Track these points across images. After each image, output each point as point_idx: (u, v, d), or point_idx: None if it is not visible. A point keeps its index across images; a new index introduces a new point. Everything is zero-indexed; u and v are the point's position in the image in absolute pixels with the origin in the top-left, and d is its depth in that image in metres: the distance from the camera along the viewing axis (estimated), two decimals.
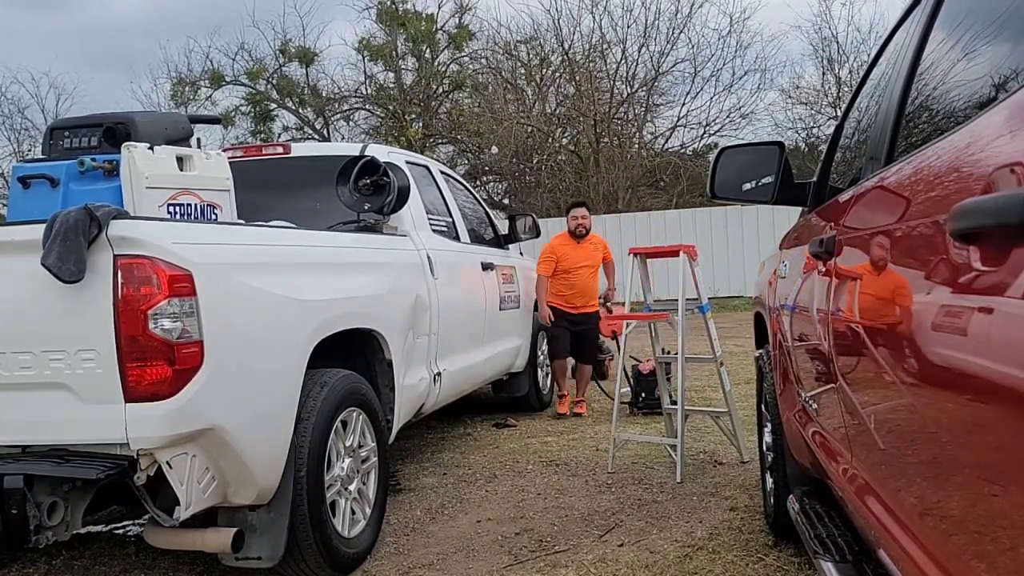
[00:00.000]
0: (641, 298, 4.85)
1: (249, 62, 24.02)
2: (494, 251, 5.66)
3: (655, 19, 22.20)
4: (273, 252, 3.00)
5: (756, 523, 3.45)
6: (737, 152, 2.87)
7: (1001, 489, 0.96)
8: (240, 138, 23.66)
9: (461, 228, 5.09)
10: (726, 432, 4.62)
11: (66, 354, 2.36)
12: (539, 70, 23.33)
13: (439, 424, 5.78)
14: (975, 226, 0.96)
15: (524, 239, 6.13)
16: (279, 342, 2.83)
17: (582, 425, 5.68)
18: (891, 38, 2.07)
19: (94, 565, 3.35)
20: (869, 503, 1.59)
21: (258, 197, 3.93)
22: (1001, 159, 0.97)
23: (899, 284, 1.34)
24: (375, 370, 3.62)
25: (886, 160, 1.69)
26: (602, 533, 3.45)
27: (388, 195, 3.89)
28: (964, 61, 1.39)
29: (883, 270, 1.43)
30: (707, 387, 6.60)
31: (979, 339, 0.99)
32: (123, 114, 3.19)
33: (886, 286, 1.40)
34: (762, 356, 3.33)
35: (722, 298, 14.68)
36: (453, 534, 3.53)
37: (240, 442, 2.55)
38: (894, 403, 1.40)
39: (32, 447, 2.44)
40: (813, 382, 2.20)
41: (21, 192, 3.05)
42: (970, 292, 1.02)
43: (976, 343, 1.00)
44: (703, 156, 22.04)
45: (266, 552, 2.77)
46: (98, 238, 2.32)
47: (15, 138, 23.73)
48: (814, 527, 2.24)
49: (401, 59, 24.04)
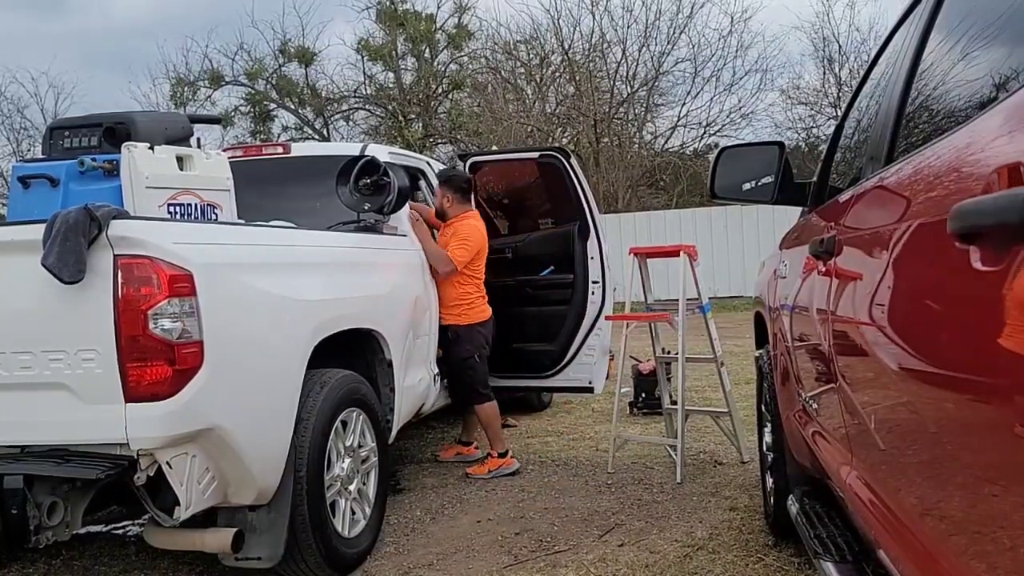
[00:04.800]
0: (641, 298, 4.85)
1: (248, 62, 24.01)
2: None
3: (656, 19, 22.14)
4: (273, 252, 3.00)
5: (756, 523, 3.45)
6: (737, 152, 2.87)
7: (1001, 489, 0.96)
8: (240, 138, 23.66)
9: None
10: (726, 432, 4.62)
11: (66, 354, 2.36)
12: (539, 70, 23.32)
13: (439, 424, 5.78)
14: (975, 226, 0.96)
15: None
16: (279, 342, 2.83)
17: (582, 425, 5.68)
18: (891, 38, 2.07)
19: (94, 565, 3.35)
20: (869, 503, 1.59)
21: (258, 197, 3.93)
22: (1001, 159, 0.97)
23: (899, 284, 1.34)
24: (375, 370, 3.62)
25: (886, 160, 1.69)
26: (602, 533, 3.45)
27: (388, 195, 3.89)
28: (964, 61, 1.39)
29: (883, 270, 1.43)
30: (707, 387, 6.60)
31: (979, 339, 0.99)
32: (123, 114, 3.19)
33: (886, 286, 1.40)
34: (762, 356, 3.33)
35: (722, 298, 14.67)
36: (453, 534, 3.53)
37: (240, 442, 2.55)
38: (894, 403, 1.40)
39: (32, 447, 2.44)
40: (813, 382, 2.20)
41: (21, 192, 3.05)
42: (970, 292, 1.02)
43: (976, 343, 1.00)
44: (703, 156, 22.02)
45: (266, 552, 2.77)
46: (98, 238, 2.33)
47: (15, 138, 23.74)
48: (814, 527, 2.24)
49: (400, 59, 24.02)
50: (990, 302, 0.94)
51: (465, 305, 4.38)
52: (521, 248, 5.22)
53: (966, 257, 0.99)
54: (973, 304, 1.02)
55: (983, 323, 0.97)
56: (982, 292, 0.98)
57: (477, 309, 4.43)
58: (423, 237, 4.27)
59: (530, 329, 5.05)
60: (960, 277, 1.04)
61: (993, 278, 0.93)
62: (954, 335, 1.08)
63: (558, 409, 6.26)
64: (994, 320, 0.93)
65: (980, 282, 0.98)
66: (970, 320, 1.02)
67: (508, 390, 5.11)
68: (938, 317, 1.14)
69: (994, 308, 0.93)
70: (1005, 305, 0.90)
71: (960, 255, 1.00)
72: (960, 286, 1.05)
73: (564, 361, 4.94)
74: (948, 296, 1.10)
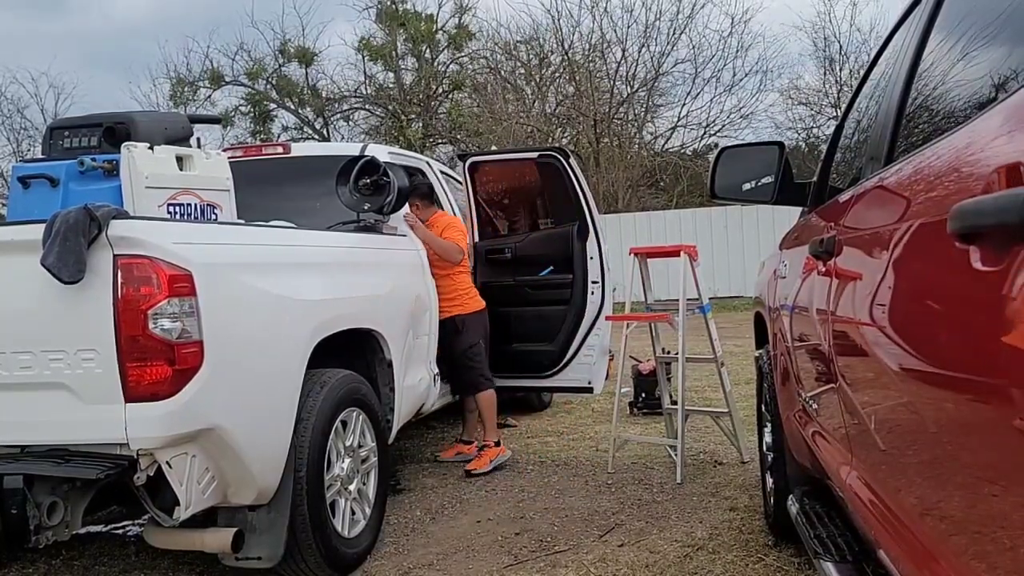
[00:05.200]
0: (641, 298, 4.85)
1: (249, 62, 24.02)
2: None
3: (656, 19, 22.16)
4: (273, 252, 3.00)
5: (756, 523, 3.45)
6: (737, 152, 2.87)
7: (1001, 489, 0.96)
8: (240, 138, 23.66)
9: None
10: (726, 432, 4.62)
11: (66, 354, 2.36)
12: (539, 70, 23.32)
13: (439, 424, 5.78)
14: (975, 226, 0.96)
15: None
16: (279, 342, 2.84)
17: (582, 425, 5.68)
18: (891, 38, 2.07)
19: (94, 565, 3.35)
20: (869, 503, 1.59)
21: (258, 197, 3.93)
22: (1001, 159, 0.97)
23: (899, 284, 1.34)
24: (375, 370, 3.62)
25: (886, 160, 1.69)
26: (602, 533, 3.45)
27: (388, 195, 3.89)
28: (964, 61, 1.39)
29: (883, 270, 1.43)
30: (707, 387, 6.60)
31: (979, 339, 0.99)
32: (123, 114, 3.19)
33: (886, 286, 1.40)
34: (762, 356, 3.33)
35: (722, 298, 14.67)
36: (453, 534, 3.53)
37: (240, 442, 2.55)
38: (894, 403, 1.40)
39: (32, 447, 2.44)
40: (813, 382, 2.20)
41: (21, 192, 3.05)
42: (970, 292, 1.02)
43: (976, 343, 1.00)
44: (703, 156, 22.03)
45: (266, 552, 2.77)
46: (98, 238, 2.33)
47: (15, 138, 23.74)
48: (814, 527, 2.24)
49: (401, 59, 24.03)
50: (990, 302, 0.94)
51: (465, 295, 4.51)
52: (520, 248, 5.22)
53: (966, 257, 0.99)
54: (973, 304, 1.02)
55: (983, 323, 0.97)
56: (982, 292, 0.98)
57: (475, 298, 4.59)
58: (426, 236, 4.29)
59: (530, 329, 5.05)
60: (960, 277, 1.04)
61: (993, 278, 0.93)
62: (954, 335, 1.07)
63: (558, 409, 6.26)
64: (994, 320, 0.93)
65: (980, 282, 0.98)
66: (970, 320, 1.02)
67: (508, 390, 5.11)
68: (938, 317, 1.14)
69: (994, 308, 0.93)
70: (1005, 305, 0.90)
71: (960, 255, 1.00)
72: (960, 286, 1.05)
73: (564, 361, 4.95)
74: (948, 296, 1.10)
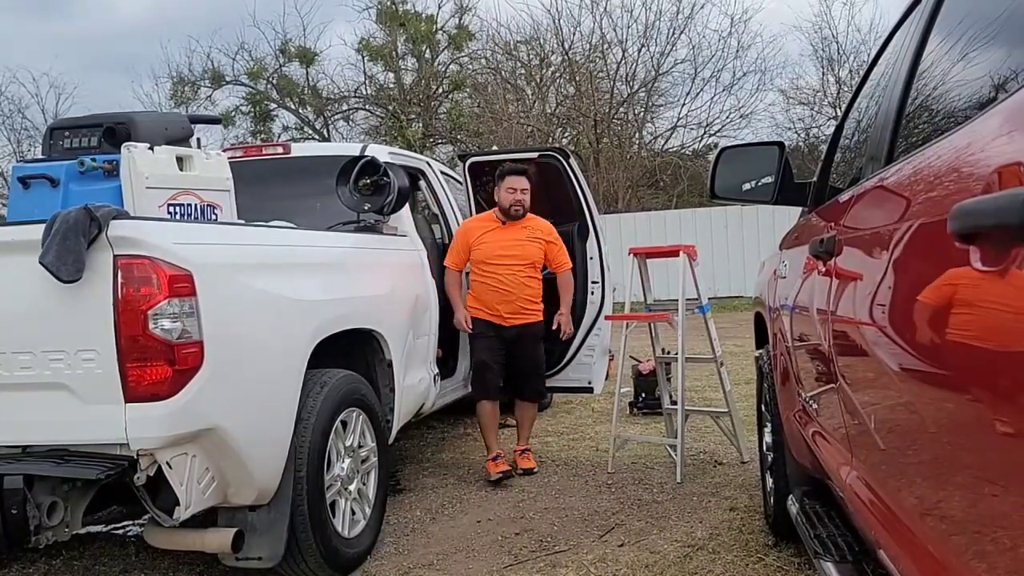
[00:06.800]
0: (641, 298, 4.85)
1: (249, 62, 24.01)
2: None
3: (656, 20, 22.14)
4: (273, 252, 3.00)
5: (756, 523, 3.45)
6: (737, 152, 2.87)
7: (1001, 489, 0.96)
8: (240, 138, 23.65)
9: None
10: (726, 432, 4.62)
11: (66, 354, 2.36)
12: (539, 70, 23.31)
13: (439, 424, 5.78)
14: (975, 226, 0.96)
15: None
16: (279, 342, 2.84)
17: (582, 425, 5.68)
18: (891, 38, 2.07)
19: (94, 565, 3.35)
20: (869, 503, 1.59)
21: (258, 197, 3.93)
22: (1001, 159, 0.97)
23: (899, 284, 1.34)
24: (375, 370, 3.62)
25: (886, 160, 1.69)
26: (602, 533, 3.45)
27: (388, 195, 3.89)
28: (963, 62, 1.39)
29: (883, 270, 1.43)
30: (707, 387, 6.59)
31: (979, 339, 0.99)
32: (123, 114, 3.19)
33: (886, 286, 1.40)
34: (762, 356, 3.33)
35: (722, 298, 14.67)
36: (453, 534, 3.53)
37: (240, 442, 2.55)
38: (894, 403, 1.40)
39: (32, 447, 2.44)
40: (813, 382, 2.20)
41: (21, 192, 3.05)
42: (970, 292, 1.02)
43: (976, 343, 1.00)
44: (703, 156, 22.02)
45: (266, 552, 2.77)
46: (98, 238, 2.33)
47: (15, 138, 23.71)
48: (814, 527, 2.24)
49: (401, 59, 24.02)
50: (990, 302, 0.94)
51: (540, 302, 4.50)
52: None
53: (966, 257, 0.99)
54: (973, 304, 1.02)
55: (983, 323, 0.97)
56: (982, 292, 0.98)
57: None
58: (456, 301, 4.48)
59: None
60: (960, 277, 1.04)
61: (993, 278, 0.93)
62: (954, 335, 1.07)
63: (558, 409, 6.26)
64: (994, 320, 0.93)
65: (980, 282, 0.98)
66: (970, 320, 1.02)
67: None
68: (938, 317, 1.14)
69: (994, 308, 0.93)
70: (1005, 305, 0.90)
71: (960, 255, 1.00)
72: (960, 286, 1.05)
73: (563, 361, 4.94)
74: (948, 296, 1.10)
